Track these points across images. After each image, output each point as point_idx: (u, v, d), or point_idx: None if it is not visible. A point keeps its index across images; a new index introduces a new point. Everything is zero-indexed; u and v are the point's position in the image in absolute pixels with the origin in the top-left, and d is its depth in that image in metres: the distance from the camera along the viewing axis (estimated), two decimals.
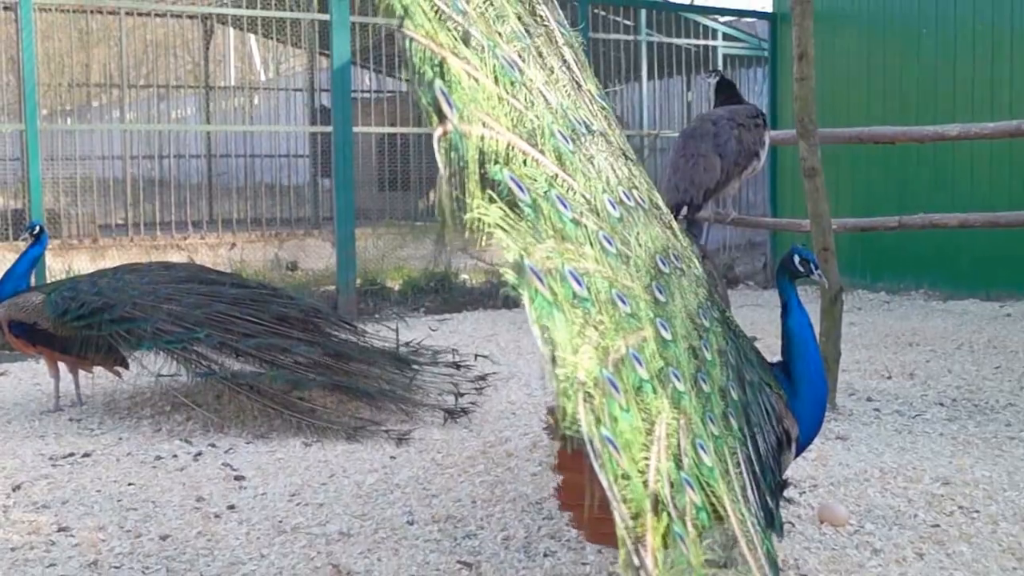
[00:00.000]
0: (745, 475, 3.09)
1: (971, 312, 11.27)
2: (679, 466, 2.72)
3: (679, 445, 2.78)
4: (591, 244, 2.95)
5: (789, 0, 7.17)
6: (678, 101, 15.47)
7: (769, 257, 14.35)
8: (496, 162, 2.71)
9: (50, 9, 12.19)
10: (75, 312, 6.75)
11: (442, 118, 2.57)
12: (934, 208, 10.04)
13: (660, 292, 3.21)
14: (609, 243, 3.04)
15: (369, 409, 6.53)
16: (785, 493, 4.32)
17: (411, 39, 2.63)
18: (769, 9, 15.57)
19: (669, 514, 2.54)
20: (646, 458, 2.61)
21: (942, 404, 6.89)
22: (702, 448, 2.88)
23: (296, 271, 12.74)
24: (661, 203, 3.85)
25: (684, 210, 7.04)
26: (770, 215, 14.27)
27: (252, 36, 17.78)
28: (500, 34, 3.09)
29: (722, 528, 2.81)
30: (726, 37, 15.21)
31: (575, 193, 3.02)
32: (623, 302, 2.90)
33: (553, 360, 2.44)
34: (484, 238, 2.53)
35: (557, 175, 2.97)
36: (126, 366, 7.12)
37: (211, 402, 6.72)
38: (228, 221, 13.28)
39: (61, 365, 7.19)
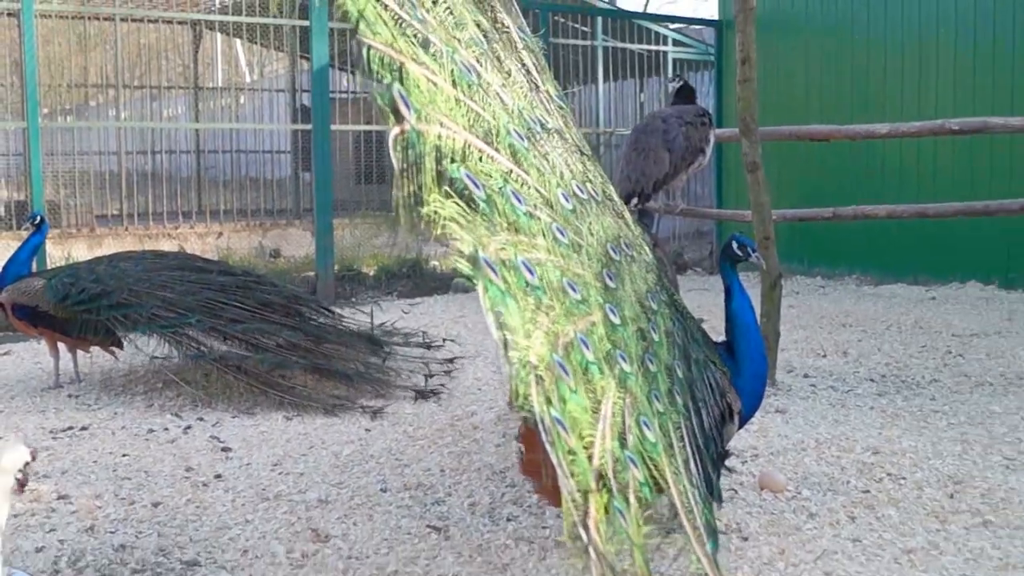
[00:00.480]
0: (688, 448, 3.08)
1: (899, 296, 11.34)
2: (623, 443, 2.72)
3: (624, 423, 2.77)
4: (544, 235, 2.94)
5: (733, 8, 7.17)
6: (631, 101, 15.46)
7: (715, 245, 14.39)
8: (453, 160, 2.70)
9: (50, 16, 12.12)
10: (75, 297, 6.72)
11: (399, 118, 2.56)
12: (865, 200, 10.09)
13: (610, 279, 3.20)
14: (562, 234, 3.03)
15: (346, 388, 6.51)
16: (727, 463, 4.33)
17: (369, 46, 2.63)
18: (715, 17, 15.58)
19: (611, 489, 2.54)
20: (592, 435, 2.60)
21: (872, 380, 6.93)
22: (646, 425, 2.87)
23: (279, 258, 12.72)
24: (614, 195, 3.84)
25: (635, 200, 7.05)
26: (716, 206, 14.31)
27: (238, 41, 17.65)
28: (459, 40, 3.08)
29: (663, 500, 2.81)
30: (676, 43, 15.22)
31: (529, 187, 3.01)
32: (573, 289, 2.89)
33: (506, 344, 2.44)
34: (440, 231, 2.52)
35: (512, 171, 2.96)
36: (121, 347, 7.08)
37: (199, 380, 6.67)
38: (216, 212, 13.22)
39: (61, 345, 7.14)
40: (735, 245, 4.18)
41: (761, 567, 3.72)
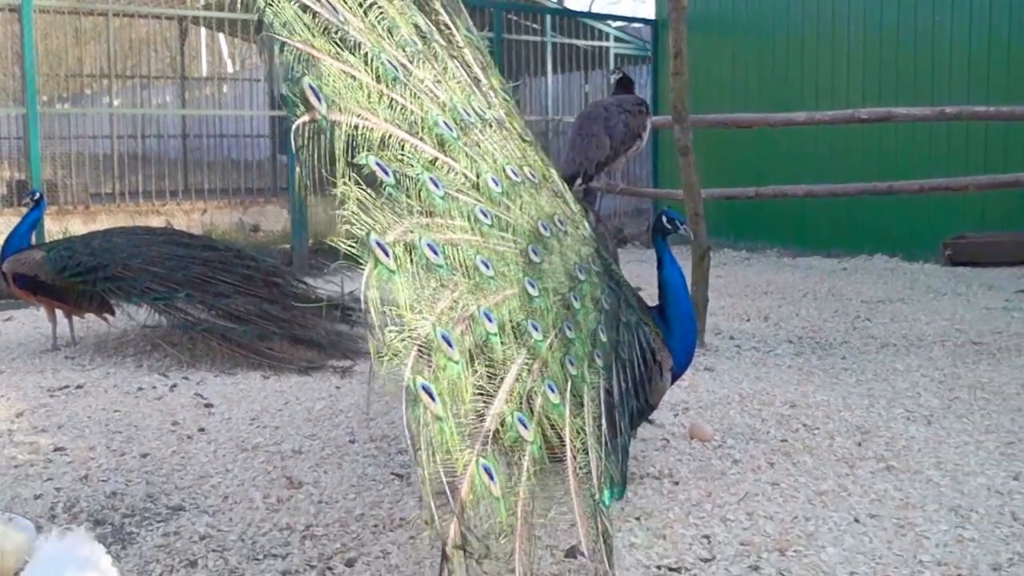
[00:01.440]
0: (602, 406, 3.07)
1: (815, 267, 11.40)
2: (520, 406, 2.69)
3: (529, 388, 2.75)
4: (464, 216, 2.92)
5: (667, 8, 7.15)
6: (577, 92, 15.41)
7: (652, 221, 14.38)
8: (370, 148, 2.69)
9: (48, 11, 11.90)
10: (72, 269, 6.62)
11: (309, 108, 2.55)
12: (784, 181, 10.16)
13: (535, 253, 3.20)
14: (485, 215, 3.01)
15: (318, 353, 6.45)
16: (654, 416, 4.34)
17: (284, 43, 2.63)
18: (652, 16, 15.56)
19: (487, 452, 2.49)
20: (484, 402, 2.57)
21: (790, 342, 6.97)
22: (551, 388, 2.86)
23: (258, 232, 12.64)
24: (555, 177, 3.82)
25: (579, 180, 7.05)
26: (652, 186, 14.31)
27: (221, 35, 17.42)
28: (389, 40, 3.05)
29: (557, 456, 2.78)
30: (617, 39, 15.20)
31: (455, 173, 2.99)
32: (486, 266, 2.86)
33: (386, 318, 2.42)
34: (345, 212, 2.51)
35: (437, 158, 2.93)
36: (113, 313, 6.98)
37: (184, 343, 6.58)
38: (200, 191, 13.04)
39: (58, 312, 7.03)
40: (664, 219, 4.20)
41: (691, 508, 3.73)
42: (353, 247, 2.47)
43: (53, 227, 10.61)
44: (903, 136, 11.52)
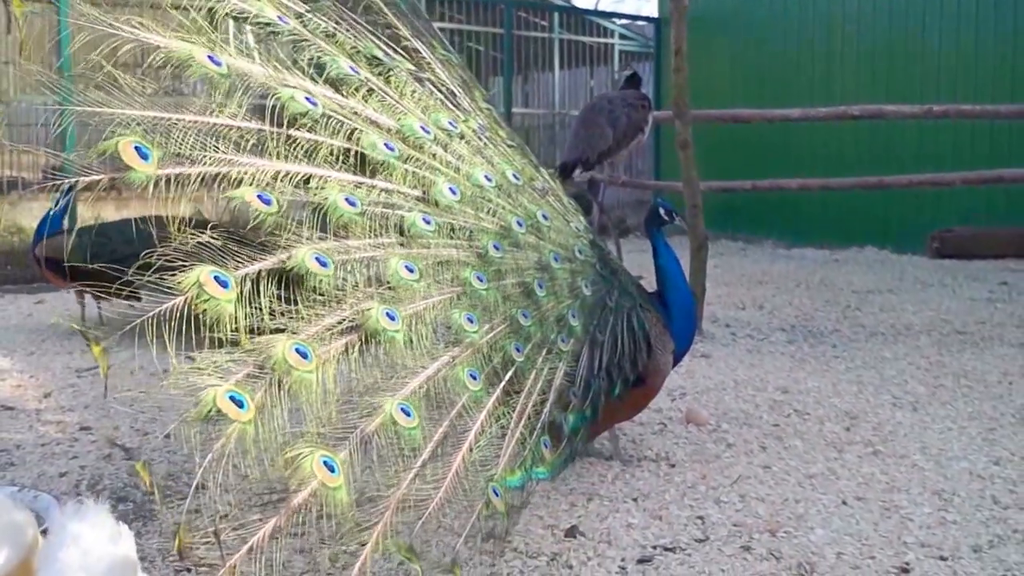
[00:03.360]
0: (555, 390, 3.16)
1: (808, 258, 11.37)
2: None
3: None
4: (386, 228, 3.00)
5: (669, 7, 7.12)
6: (583, 87, 15.37)
7: (647, 212, 14.34)
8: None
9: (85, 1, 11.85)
10: (106, 256, 6.54)
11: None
12: (780, 174, 10.12)
13: (497, 249, 3.27)
14: (427, 222, 3.09)
15: None
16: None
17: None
18: (655, 14, 15.51)
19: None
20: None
21: (784, 330, 6.95)
22: (472, 376, 2.93)
23: None
24: (545, 175, 3.86)
25: (580, 168, 7.07)
26: (654, 179, 14.28)
27: None
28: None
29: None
30: (621, 36, 15.15)
31: (391, 192, 3.08)
32: (410, 271, 2.95)
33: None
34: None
35: (362, 183, 3.00)
36: (140, 299, 6.93)
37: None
38: None
39: (87, 296, 7.01)
40: (661, 210, 4.21)
41: (686, 490, 3.72)
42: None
43: (85, 213, 10.57)
44: (894, 133, 11.48)
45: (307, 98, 2.96)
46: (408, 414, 2.68)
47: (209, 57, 2.76)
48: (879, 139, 11.71)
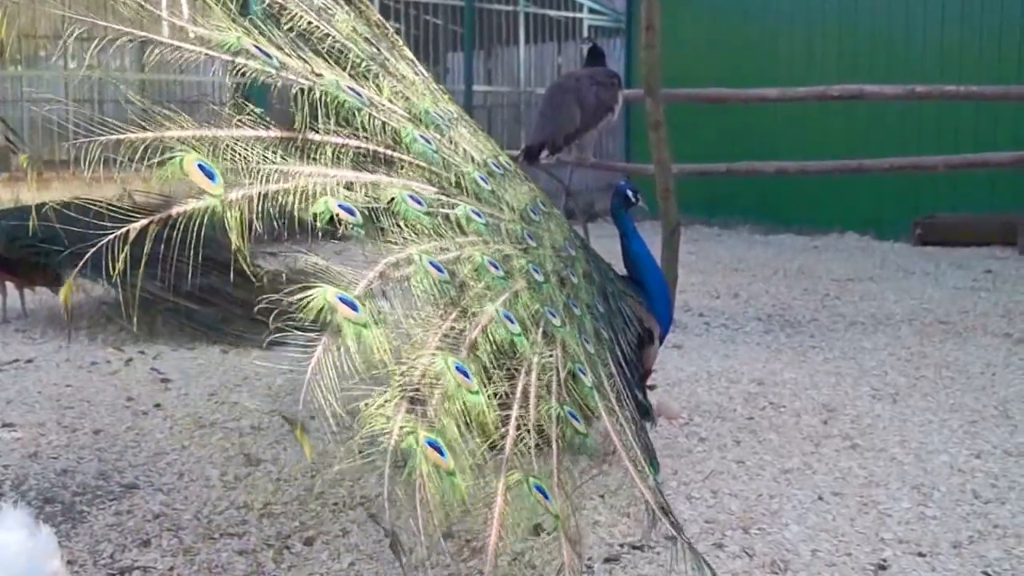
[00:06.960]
0: (619, 380, 3.11)
1: (786, 245, 11.44)
2: (560, 399, 2.71)
3: (558, 379, 2.76)
4: (457, 224, 2.93)
5: None
6: (549, 63, 15.34)
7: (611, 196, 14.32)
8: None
9: None
10: (25, 240, 6.45)
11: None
12: (756, 157, 10.13)
13: (531, 239, 3.22)
14: (478, 215, 3.02)
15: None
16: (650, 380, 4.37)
17: None
18: None
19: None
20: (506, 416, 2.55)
21: (759, 319, 6.99)
22: (582, 372, 2.89)
23: None
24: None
25: (546, 150, 7.01)
26: (624, 161, 14.28)
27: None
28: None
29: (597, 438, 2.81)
30: (591, 11, 15.12)
31: (441, 182, 3.03)
32: (495, 267, 2.88)
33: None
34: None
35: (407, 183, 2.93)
36: (62, 284, 6.83)
37: (141, 315, 6.47)
38: None
39: (8, 283, 6.88)
40: (628, 192, 4.22)
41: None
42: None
43: (4, 194, 10.40)
44: (876, 115, 11.54)
45: (350, 89, 2.94)
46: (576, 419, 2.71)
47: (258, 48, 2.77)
48: (860, 121, 11.77)
